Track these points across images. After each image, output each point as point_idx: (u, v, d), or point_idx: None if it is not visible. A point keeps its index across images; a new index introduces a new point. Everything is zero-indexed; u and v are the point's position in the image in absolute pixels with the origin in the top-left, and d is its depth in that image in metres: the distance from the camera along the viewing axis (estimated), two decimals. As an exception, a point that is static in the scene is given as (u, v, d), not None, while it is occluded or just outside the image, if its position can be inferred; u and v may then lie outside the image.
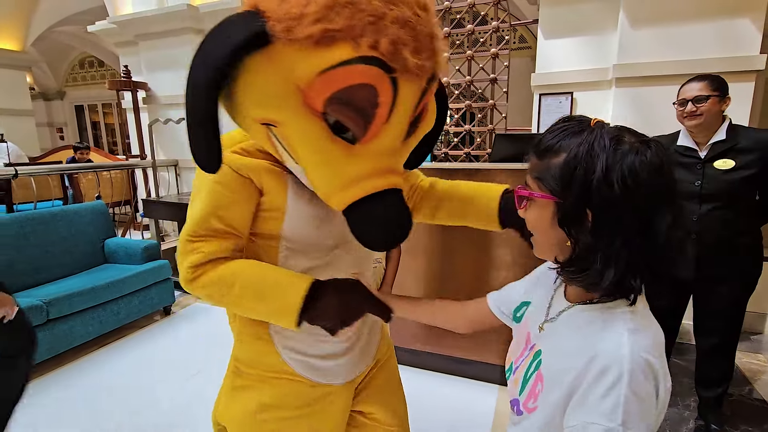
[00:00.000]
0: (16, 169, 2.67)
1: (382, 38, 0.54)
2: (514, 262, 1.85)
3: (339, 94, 0.56)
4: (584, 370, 0.50)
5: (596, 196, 0.49)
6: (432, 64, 0.61)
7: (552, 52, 2.72)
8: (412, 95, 0.60)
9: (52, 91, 9.12)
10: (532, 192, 0.55)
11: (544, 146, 0.54)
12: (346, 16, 0.53)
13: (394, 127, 0.61)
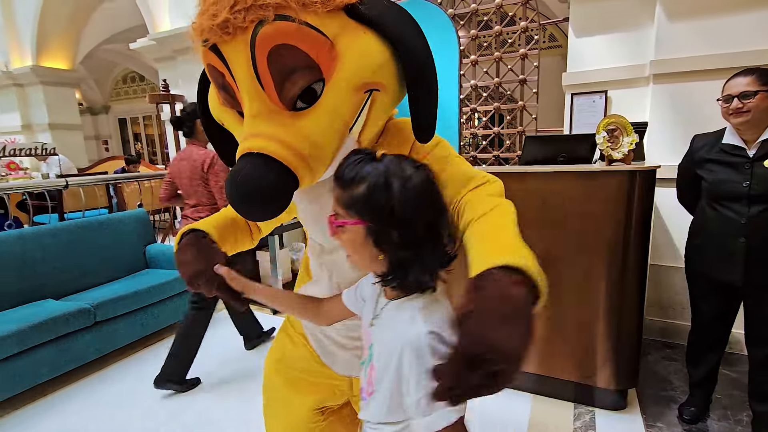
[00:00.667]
0: (66, 181, 2.85)
1: (194, 23, 0.64)
2: (544, 267, 1.80)
3: (213, 81, 0.70)
4: (399, 358, 0.60)
5: (397, 218, 0.58)
6: (243, 16, 0.59)
7: (584, 51, 2.64)
8: (238, 54, 0.61)
9: (98, 105, 9.70)
10: (345, 221, 0.62)
11: (346, 179, 0.61)
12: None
13: (244, 91, 0.63)
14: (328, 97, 0.63)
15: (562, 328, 1.82)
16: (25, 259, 2.39)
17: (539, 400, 1.93)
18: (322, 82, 0.63)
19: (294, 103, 0.64)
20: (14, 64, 5.46)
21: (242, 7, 0.59)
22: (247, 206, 0.62)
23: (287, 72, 0.62)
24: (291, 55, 0.61)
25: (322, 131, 0.64)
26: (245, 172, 0.60)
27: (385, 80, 0.67)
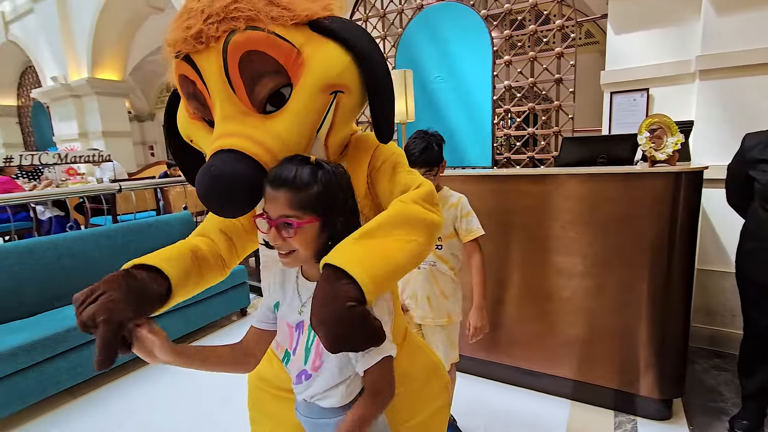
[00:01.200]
0: (120, 185, 3.06)
1: (167, 38, 0.69)
2: (585, 271, 1.77)
3: (182, 93, 0.74)
4: None
5: (347, 208, 0.70)
6: (216, 27, 0.64)
7: (624, 47, 2.56)
8: (211, 62, 0.66)
9: (145, 113, 10.28)
10: (300, 222, 0.65)
11: (299, 182, 0.65)
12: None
13: (216, 95, 0.68)
14: (296, 100, 0.68)
15: (602, 333, 1.77)
16: (86, 258, 2.59)
17: (578, 406, 1.89)
18: (290, 87, 0.69)
19: (264, 106, 0.69)
20: (72, 77, 5.89)
21: (215, 19, 0.65)
22: (220, 200, 0.65)
23: (257, 76, 0.67)
24: (260, 60, 0.66)
25: (291, 131, 0.68)
26: (219, 167, 0.63)
27: (348, 82, 0.72)
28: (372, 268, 0.62)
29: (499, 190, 1.91)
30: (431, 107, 3.50)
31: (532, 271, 1.89)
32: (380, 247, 0.66)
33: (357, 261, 0.62)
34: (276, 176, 0.65)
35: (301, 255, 0.69)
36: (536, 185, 1.82)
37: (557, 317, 1.86)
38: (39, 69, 6.52)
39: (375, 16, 3.80)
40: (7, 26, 6.79)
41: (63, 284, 2.47)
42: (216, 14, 0.64)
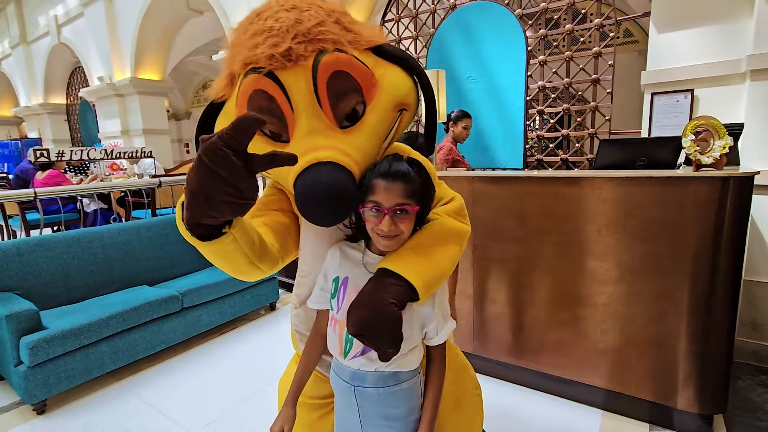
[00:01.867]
0: (160, 180, 3.20)
1: (245, 52, 0.70)
2: (621, 277, 1.71)
3: (249, 109, 0.72)
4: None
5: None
6: (304, 46, 0.69)
7: (667, 47, 2.46)
8: (298, 79, 0.70)
9: (182, 112, 10.69)
10: (411, 208, 0.76)
11: (409, 177, 0.75)
12: (232, 57, 0.75)
13: (303, 111, 0.71)
14: (371, 116, 0.76)
15: (638, 342, 1.72)
16: (126, 250, 2.72)
17: (610, 416, 1.84)
18: (363, 104, 0.76)
19: (342, 123, 0.75)
20: (116, 77, 6.20)
21: (303, 39, 0.69)
22: (331, 208, 0.66)
23: (341, 94, 0.72)
24: (345, 80, 0.72)
25: (369, 143, 0.76)
26: (329, 176, 0.65)
27: (410, 102, 0.82)
28: (423, 274, 0.73)
29: (533, 192, 1.87)
30: (463, 107, 3.47)
31: (565, 276, 1.84)
32: (427, 256, 0.77)
33: (411, 268, 0.73)
34: (391, 172, 0.74)
35: (403, 237, 0.79)
36: (572, 188, 1.78)
37: (590, 324, 1.81)
38: (87, 69, 6.89)
39: (407, 17, 3.81)
40: (59, 29, 7.21)
41: (106, 273, 2.61)
42: (303, 35, 0.69)
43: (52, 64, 8.04)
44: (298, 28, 0.69)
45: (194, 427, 1.86)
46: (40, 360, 1.93)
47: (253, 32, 0.71)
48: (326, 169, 0.66)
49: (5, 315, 1.92)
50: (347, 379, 0.84)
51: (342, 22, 0.75)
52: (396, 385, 0.82)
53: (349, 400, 0.84)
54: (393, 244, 0.78)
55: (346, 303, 0.79)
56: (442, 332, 0.82)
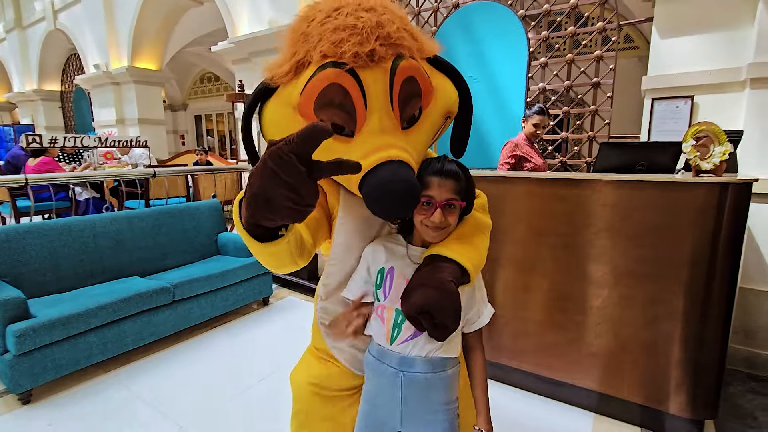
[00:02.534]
0: (155, 170, 3.16)
1: (327, 45, 0.71)
2: (617, 281, 1.71)
3: (318, 100, 0.73)
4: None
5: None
6: (385, 49, 0.73)
7: (668, 53, 2.46)
8: (377, 79, 0.73)
9: (178, 103, 10.58)
10: (459, 203, 0.85)
11: (456, 175, 0.84)
12: (303, 46, 0.75)
13: (377, 110, 0.75)
14: (427, 120, 0.83)
15: (631, 346, 1.72)
16: (118, 239, 2.68)
17: (601, 419, 1.84)
18: (420, 109, 0.82)
19: (404, 124, 0.80)
20: (113, 65, 6.12)
21: (385, 42, 0.73)
22: (406, 205, 0.71)
23: (410, 97, 0.78)
24: (414, 85, 0.77)
25: (423, 144, 0.84)
26: (403, 175, 0.70)
27: (455, 111, 0.90)
28: (470, 258, 0.83)
29: (532, 193, 1.86)
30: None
31: (560, 278, 1.84)
32: (470, 243, 0.87)
33: (459, 253, 0.82)
34: (444, 170, 0.83)
35: (450, 229, 0.86)
36: (571, 190, 1.78)
37: (584, 326, 1.80)
38: (83, 56, 6.80)
39: (410, 14, 3.79)
40: (56, 14, 7.11)
41: (97, 262, 2.56)
42: (385, 38, 0.73)
43: (47, 50, 7.93)
44: (380, 30, 0.73)
45: (183, 420, 1.83)
46: (26, 349, 1.89)
47: (335, 27, 0.73)
48: (400, 168, 0.70)
49: (-9, 302, 1.88)
50: (394, 365, 0.86)
51: (410, 30, 0.80)
52: (443, 371, 0.86)
53: (392, 387, 0.86)
54: (440, 236, 0.85)
55: (394, 290, 0.86)
56: (484, 316, 0.90)
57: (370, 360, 0.91)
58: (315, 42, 0.74)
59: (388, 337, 0.87)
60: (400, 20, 0.77)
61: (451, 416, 0.88)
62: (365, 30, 0.71)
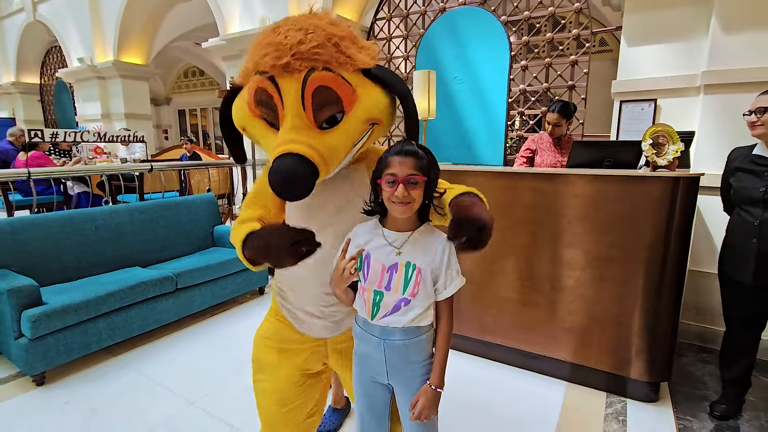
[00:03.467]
0: (152, 165, 3.25)
1: (257, 57, 0.92)
2: (588, 263, 1.94)
3: (254, 97, 0.95)
4: (442, 253, 0.99)
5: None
6: (299, 63, 0.89)
7: (635, 59, 2.71)
8: (291, 86, 0.90)
9: (161, 97, 10.46)
10: (420, 178, 0.94)
11: (418, 154, 0.95)
12: (251, 57, 0.96)
13: (289, 110, 0.91)
14: (346, 124, 0.96)
15: (600, 321, 1.95)
16: (119, 231, 2.77)
17: (573, 387, 2.07)
18: (342, 113, 0.95)
19: (321, 124, 0.94)
20: (98, 59, 6.07)
21: (300, 57, 0.89)
22: (287, 188, 0.89)
23: (323, 103, 0.92)
24: (327, 93, 0.91)
25: (339, 145, 0.96)
26: (288, 165, 0.87)
27: (383, 117, 1.02)
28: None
29: (511, 187, 2.07)
30: (449, 106, 3.65)
31: (538, 262, 2.06)
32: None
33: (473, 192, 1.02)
34: (404, 150, 0.95)
35: (414, 205, 0.96)
36: (546, 184, 1.99)
37: (559, 305, 2.03)
38: (65, 49, 6.69)
39: (398, 16, 3.95)
40: (35, 6, 6.97)
41: (99, 253, 2.66)
42: (301, 53, 0.89)
43: (25, 42, 7.75)
44: (299, 47, 0.88)
45: (193, 396, 1.98)
46: (40, 333, 1.99)
47: (267, 43, 0.92)
48: (290, 160, 0.87)
49: (6, 289, 1.98)
50: (376, 335, 1.03)
51: (339, 46, 0.93)
52: (416, 337, 1.02)
53: (377, 351, 1.04)
54: (406, 210, 0.96)
55: (372, 274, 1.01)
56: (451, 287, 1.00)
57: (358, 330, 1.08)
58: (254, 53, 0.94)
59: (369, 314, 1.02)
60: (327, 38, 0.91)
61: (427, 370, 1.04)
62: (286, 47, 0.88)
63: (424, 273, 0.99)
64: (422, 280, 0.99)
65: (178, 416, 1.84)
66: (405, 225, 1.02)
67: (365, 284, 1.02)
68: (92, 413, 1.86)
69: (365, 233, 1.05)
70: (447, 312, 1.03)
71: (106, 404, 1.93)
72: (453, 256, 1.00)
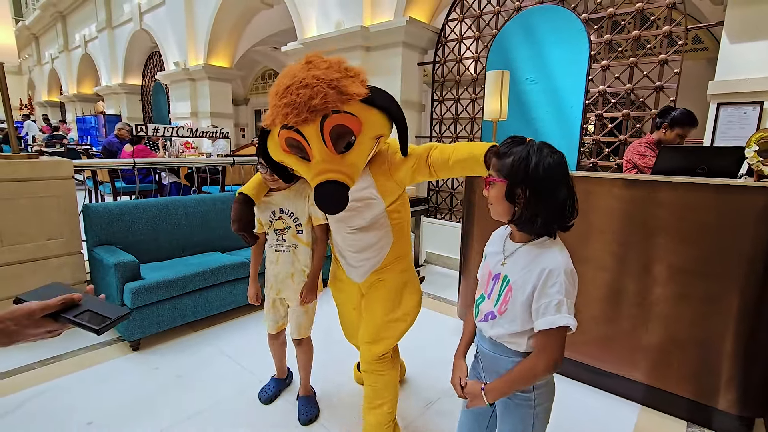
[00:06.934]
0: (234, 159, 3.53)
1: (280, 116, 1.13)
2: (669, 278, 1.79)
3: (285, 143, 1.19)
4: (538, 277, 0.88)
5: (529, 180, 0.86)
6: (312, 115, 1.08)
7: (738, 57, 2.44)
8: (311, 131, 1.11)
9: (240, 98, 11.29)
10: (495, 178, 0.92)
11: (502, 152, 0.91)
12: (272, 112, 1.16)
13: (316, 150, 1.13)
14: (359, 144, 1.18)
15: (682, 341, 1.79)
16: (204, 218, 3.05)
17: (647, 411, 1.92)
18: (354, 137, 1.16)
19: (340, 151, 1.16)
20: (190, 63, 6.71)
21: (313, 110, 1.09)
22: (333, 208, 1.15)
23: (338, 137, 1.14)
24: (340, 128, 1.13)
25: (359, 161, 1.20)
26: (329, 190, 1.12)
27: (385, 132, 1.25)
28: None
29: (589, 192, 1.97)
30: (520, 108, 3.55)
31: (613, 273, 1.94)
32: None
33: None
34: (498, 147, 0.95)
35: (496, 209, 0.95)
36: (627, 190, 1.87)
37: (636, 320, 1.89)
38: (164, 54, 7.48)
39: (471, 17, 3.92)
40: (141, 16, 7.87)
41: (187, 237, 2.95)
42: (314, 107, 1.09)
43: (132, 48, 8.78)
44: (311, 103, 1.08)
45: (263, 374, 2.13)
46: (139, 304, 2.27)
47: (285, 104, 1.11)
48: (329, 186, 1.12)
49: (114, 263, 2.28)
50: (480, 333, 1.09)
51: (338, 88, 1.11)
52: (504, 357, 1.00)
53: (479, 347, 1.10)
54: (492, 212, 1.00)
55: (482, 276, 1.08)
56: (541, 320, 0.89)
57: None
58: (276, 112, 1.14)
59: (492, 301, 1.04)
60: (328, 85, 1.09)
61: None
62: (301, 104, 1.08)
63: (516, 292, 0.91)
64: (512, 299, 0.92)
65: (248, 391, 1.99)
66: (518, 235, 0.97)
67: (479, 284, 1.07)
68: (177, 379, 2.08)
69: (498, 236, 1.07)
70: (538, 349, 0.90)
71: (189, 373, 2.14)
72: (553, 285, 0.86)
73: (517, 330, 0.93)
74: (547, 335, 0.87)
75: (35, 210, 2.42)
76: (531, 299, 0.89)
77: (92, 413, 1.81)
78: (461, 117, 4.18)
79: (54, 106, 15.50)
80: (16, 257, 2.36)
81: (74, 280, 2.59)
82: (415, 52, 4.22)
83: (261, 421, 1.81)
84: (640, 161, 2.57)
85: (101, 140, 8.44)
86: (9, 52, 2.31)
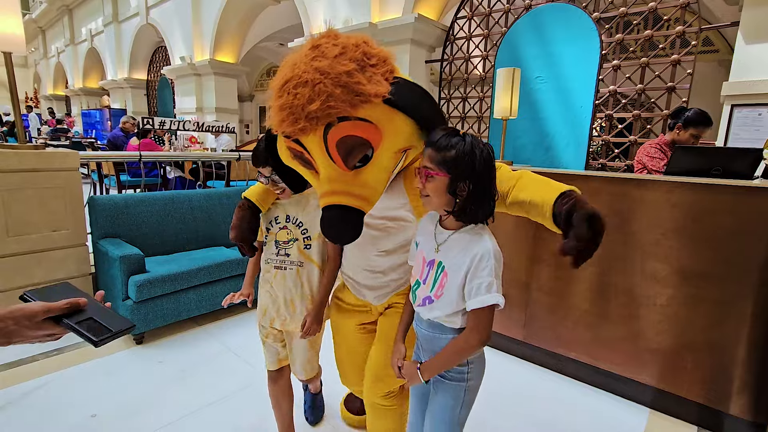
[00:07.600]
0: (239, 154, 3.52)
1: (275, 122, 0.92)
2: (682, 280, 1.76)
3: (290, 154, 0.99)
4: (471, 261, 0.91)
5: (474, 174, 0.87)
6: (311, 123, 0.87)
7: (754, 59, 2.41)
8: (313, 143, 0.90)
9: (245, 94, 11.28)
10: (436, 172, 0.88)
11: (440, 145, 0.88)
12: (272, 115, 0.94)
13: (321, 163, 0.92)
14: (378, 158, 0.93)
15: (693, 345, 1.76)
16: (210, 213, 3.04)
17: (657, 415, 1.89)
18: (372, 149, 0.92)
19: (353, 166, 0.93)
20: (196, 58, 6.70)
21: (313, 116, 0.86)
22: (340, 239, 0.96)
23: (350, 150, 0.90)
24: (351, 140, 0.89)
25: (376, 180, 0.95)
26: (335, 219, 0.92)
27: (413, 143, 0.98)
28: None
29: (600, 191, 1.94)
30: (529, 107, 3.53)
31: (625, 275, 1.91)
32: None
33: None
34: (430, 139, 0.92)
35: (432, 201, 0.92)
36: (640, 190, 1.84)
37: (647, 323, 1.87)
38: (170, 49, 7.48)
39: (480, 15, 3.89)
40: (148, 10, 7.86)
41: (192, 231, 2.93)
42: (314, 113, 0.85)
43: (138, 43, 8.78)
44: (310, 107, 0.85)
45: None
46: (143, 297, 2.25)
47: (279, 106, 0.90)
48: (335, 213, 0.91)
49: (119, 256, 2.26)
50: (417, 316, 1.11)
51: (349, 86, 0.85)
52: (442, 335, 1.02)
53: (417, 330, 1.11)
54: (426, 203, 0.95)
55: (416, 263, 1.06)
56: (473, 300, 0.93)
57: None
58: (272, 115, 0.94)
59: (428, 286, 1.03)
60: (335, 82, 0.84)
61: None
62: (298, 108, 0.85)
63: (451, 277, 0.93)
64: (447, 284, 0.94)
65: (251, 387, 1.98)
66: (449, 223, 0.97)
67: (413, 270, 1.07)
68: (181, 373, 2.07)
69: (428, 221, 1.06)
70: (469, 326, 0.93)
71: (193, 368, 2.12)
72: (484, 268, 0.89)
73: (453, 311, 0.96)
74: (478, 314, 0.91)
75: (41, 201, 2.40)
76: (464, 282, 0.92)
77: (96, 406, 1.80)
78: (468, 115, 4.15)
79: (59, 99, 15.56)
80: (21, 248, 2.35)
81: (79, 272, 2.58)
82: (423, 49, 4.19)
83: (265, 417, 1.79)
84: (649, 163, 2.54)
85: (106, 134, 8.45)
86: (17, 42, 2.29)
